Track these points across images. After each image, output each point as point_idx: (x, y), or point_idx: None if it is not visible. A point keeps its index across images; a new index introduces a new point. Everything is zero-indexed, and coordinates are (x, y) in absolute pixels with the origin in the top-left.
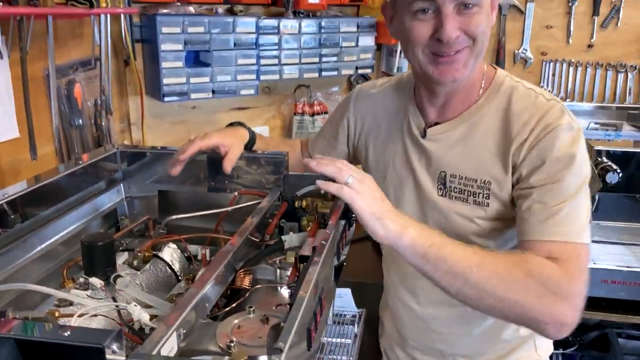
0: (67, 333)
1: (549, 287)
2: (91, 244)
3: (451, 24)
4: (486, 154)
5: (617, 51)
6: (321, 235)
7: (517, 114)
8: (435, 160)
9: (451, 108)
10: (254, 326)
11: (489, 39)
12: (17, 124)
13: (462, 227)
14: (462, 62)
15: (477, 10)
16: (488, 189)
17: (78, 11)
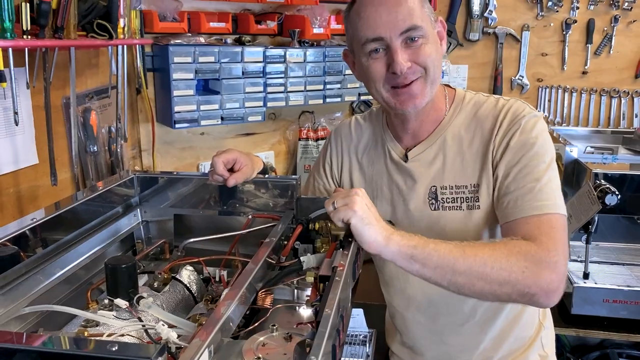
0: (114, 348)
1: (530, 260)
2: (115, 266)
3: (401, 57)
4: (469, 160)
5: (610, 77)
6: (340, 255)
7: (486, 117)
8: (422, 178)
9: (423, 130)
10: (278, 344)
11: (440, 66)
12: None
13: (459, 233)
14: (419, 91)
15: (424, 42)
16: (477, 191)
17: (98, 42)
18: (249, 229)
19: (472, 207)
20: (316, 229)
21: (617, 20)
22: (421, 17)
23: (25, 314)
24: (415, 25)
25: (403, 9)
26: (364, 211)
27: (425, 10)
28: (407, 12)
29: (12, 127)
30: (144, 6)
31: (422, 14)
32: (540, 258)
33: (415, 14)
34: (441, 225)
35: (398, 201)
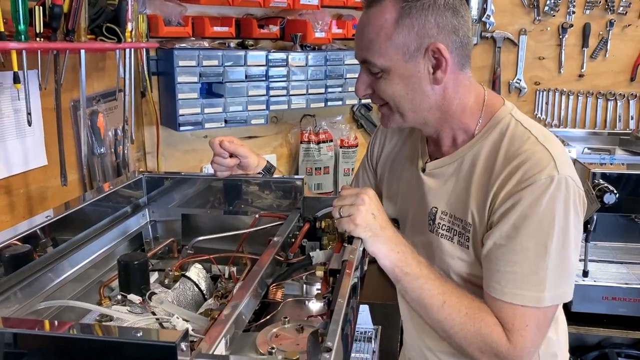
0: (139, 334)
1: (492, 348)
2: (127, 263)
3: (359, 83)
4: (473, 195)
5: (606, 80)
6: (348, 251)
7: (504, 158)
8: (429, 195)
9: (444, 145)
10: (291, 335)
11: (414, 100)
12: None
13: (446, 264)
14: (386, 115)
15: (384, 76)
16: (469, 232)
17: (107, 46)
18: (257, 228)
19: (462, 244)
20: (322, 227)
21: (612, 24)
22: (379, 52)
23: (40, 309)
24: (367, 60)
25: (363, 39)
26: (367, 223)
27: (395, 43)
28: (365, 44)
29: (22, 128)
30: (149, 11)
31: (383, 49)
32: (502, 353)
33: (372, 49)
34: (432, 247)
35: (408, 209)
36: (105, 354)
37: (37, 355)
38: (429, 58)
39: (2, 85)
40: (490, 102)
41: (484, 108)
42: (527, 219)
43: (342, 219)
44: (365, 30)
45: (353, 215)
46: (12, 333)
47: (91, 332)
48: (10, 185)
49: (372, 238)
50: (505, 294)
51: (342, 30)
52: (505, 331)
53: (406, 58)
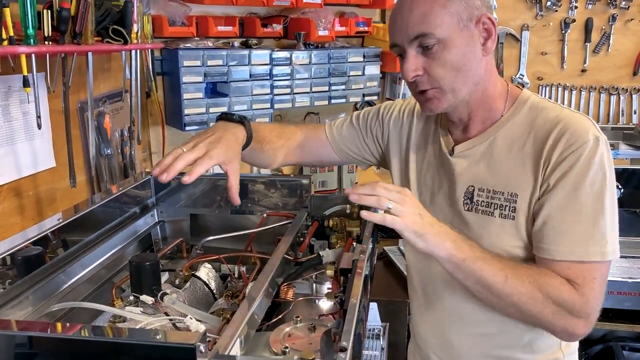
0: (159, 336)
1: (564, 307)
2: (139, 264)
3: (408, 65)
4: (513, 168)
5: (608, 75)
6: (359, 249)
7: (542, 127)
8: (462, 175)
9: (472, 128)
10: (303, 334)
11: (469, 70)
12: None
13: (488, 239)
14: (435, 98)
15: (440, 49)
16: (515, 202)
17: (114, 47)
18: (265, 227)
19: (505, 216)
20: (331, 226)
21: (614, 19)
22: (437, 21)
23: (53, 311)
24: (424, 33)
25: (414, 14)
26: (416, 223)
27: (450, 11)
28: (418, 18)
29: (31, 131)
30: (154, 11)
31: (440, 18)
32: (575, 308)
33: (429, 20)
34: (470, 226)
35: (437, 192)
36: (124, 355)
37: (60, 357)
38: (480, 28)
39: (10, 88)
40: (512, 87)
41: (508, 91)
42: (583, 178)
43: (392, 217)
44: (416, 5)
45: (403, 216)
46: (34, 336)
47: (110, 334)
48: (20, 188)
49: (424, 237)
50: (573, 253)
51: (345, 28)
52: (575, 286)
53: (461, 26)
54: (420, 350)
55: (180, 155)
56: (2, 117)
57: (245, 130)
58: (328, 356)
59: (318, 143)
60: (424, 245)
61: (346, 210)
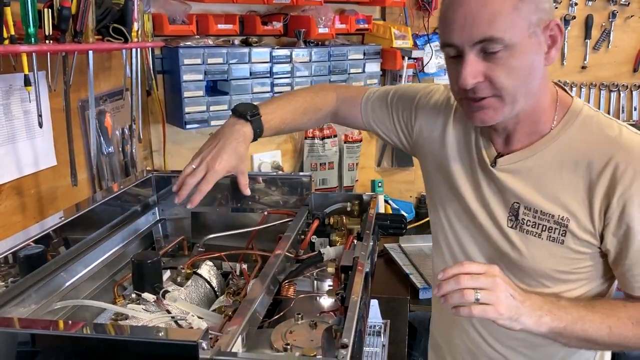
0: (161, 333)
1: None
2: (141, 262)
3: (467, 71)
4: (564, 189)
5: (609, 72)
6: (359, 247)
7: (602, 151)
8: (507, 190)
9: (515, 140)
10: (305, 331)
11: (532, 81)
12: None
13: (532, 262)
14: (491, 109)
15: (505, 55)
16: (565, 226)
17: (114, 46)
18: (266, 225)
19: (554, 240)
20: (331, 224)
21: (615, 15)
22: (507, 26)
23: (55, 309)
24: (492, 37)
25: (483, 15)
26: (511, 307)
27: (521, 14)
28: (486, 20)
29: (32, 130)
30: (154, 9)
31: (510, 21)
32: None
33: (498, 22)
34: (513, 245)
35: (476, 206)
36: (126, 353)
37: (63, 354)
38: (546, 35)
39: (12, 87)
40: (561, 95)
41: (558, 101)
42: None
43: (483, 306)
44: (484, 3)
45: (495, 304)
46: (36, 334)
47: (112, 332)
48: (21, 186)
49: (518, 319)
50: None
51: (345, 26)
52: None
53: (529, 32)
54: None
55: (185, 181)
56: (3, 116)
57: (253, 128)
58: (329, 352)
59: (351, 113)
60: (520, 328)
61: (347, 208)
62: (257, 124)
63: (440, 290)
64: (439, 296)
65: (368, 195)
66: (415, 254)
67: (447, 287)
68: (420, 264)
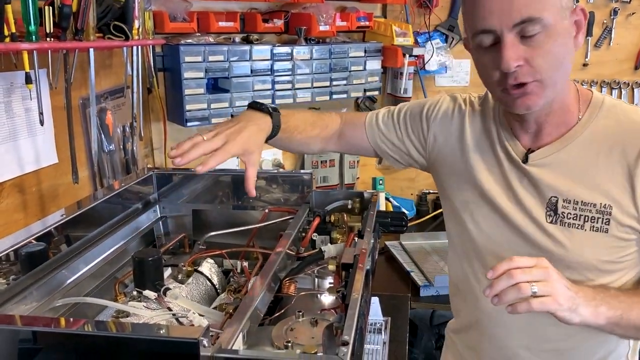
0: (162, 330)
1: None
2: (142, 259)
3: (509, 54)
4: (603, 176)
5: (610, 69)
6: (360, 244)
7: (633, 135)
8: (543, 185)
9: (545, 133)
10: (305, 329)
11: (567, 64)
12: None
13: (576, 255)
14: (534, 93)
15: (544, 37)
16: (609, 214)
17: (115, 43)
18: (267, 222)
19: (598, 229)
20: (332, 221)
21: (616, 12)
22: (544, 6)
23: (57, 306)
24: (531, 17)
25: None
26: (569, 298)
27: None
28: (523, 1)
29: (33, 127)
30: (155, 7)
31: (546, 2)
32: None
33: (536, 3)
34: (554, 240)
35: (509, 202)
36: (128, 350)
37: (64, 351)
38: (573, 19)
39: (13, 85)
40: (580, 88)
41: (579, 93)
42: None
43: (542, 298)
44: None
45: (555, 294)
46: (38, 331)
47: (114, 329)
48: (23, 184)
49: (577, 310)
50: None
51: (346, 23)
52: None
53: (563, 15)
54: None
55: (198, 144)
56: (4, 114)
57: (272, 122)
58: (330, 350)
59: (355, 134)
60: (579, 320)
61: (348, 206)
62: (277, 119)
63: (493, 290)
64: (491, 296)
65: (369, 192)
66: (416, 252)
67: (500, 285)
68: (421, 262)
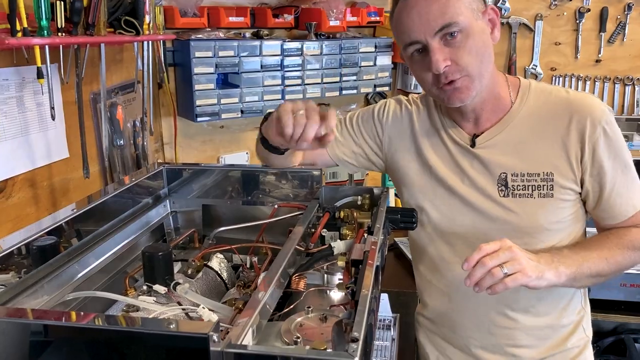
0: (172, 325)
1: None
2: (152, 254)
3: (437, 57)
4: (542, 149)
5: (623, 65)
6: (370, 241)
7: (558, 106)
8: (492, 164)
9: (484, 119)
10: (315, 324)
11: (489, 57)
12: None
13: (529, 221)
14: (464, 88)
15: (463, 38)
16: (552, 180)
17: (126, 38)
18: (276, 218)
19: (545, 195)
20: (342, 217)
21: (630, 8)
22: (457, 11)
23: (68, 300)
24: (448, 23)
25: (434, 8)
26: (534, 268)
27: (464, 3)
28: (438, 10)
29: (45, 122)
30: (165, 2)
31: (458, 7)
32: None
33: (450, 10)
34: (508, 211)
35: (463, 185)
36: (137, 344)
37: (74, 345)
38: (486, 18)
39: (25, 79)
40: (508, 76)
41: (508, 80)
42: (617, 143)
43: (513, 275)
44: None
45: (523, 269)
46: (48, 325)
47: (123, 324)
48: (34, 178)
49: (543, 276)
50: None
51: (357, 18)
52: None
53: (475, 16)
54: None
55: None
56: (16, 108)
57: None
58: (340, 346)
59: (315, 151)
60: (545, 284)
61: (357, 202)
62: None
63: (471, 280)
64: (471, 286)
65: (379, 188)
66: None
67: (477, 274)
68: None
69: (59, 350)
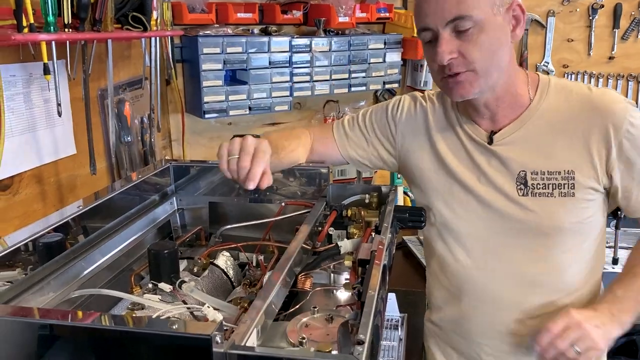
0: (175, 326)
1: None
2: (158, 252)
3: (442, 48)
4: (563, 146)
5: (637, 62)
6: (377, 240)
7: (582, 107)
8: (510, 162)
9: (501, 116)
10: (321, 325)
11: (502, 55)
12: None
13: (549, 220)
14: (467, 82)
15: (475, 32)
16: (573, 178)
17: (134, 34)
18: (283, 216)
19: (565, 194)
20: (349, 216)
21: None
22: (473, 5)
23: (73, 297)
24: (462, 15)
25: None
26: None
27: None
28: (455, 1)
29: (52, 118)
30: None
31: (476, 1)
32: None
33: (465, 2)
34: (527, 211)
35: (480, 183)
36: (141, 344)
37: (78, 344)
38: (510, 15)
39: (32, 75)
40: (529, 73)
41: (528, 77)
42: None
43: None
44: None
45: (594, 345)
46: (54, 324)
47: (128, 323)
48: (41, 174)
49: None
50: None
51: (366, 14)
52: None
53: (494, 11)
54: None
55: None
56: (23, 105)
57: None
58: (345, 348)
59: (326, 149)
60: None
61: (365, 200)
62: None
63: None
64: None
65: (387, 187)
66: None
67: (549, 357)
68: None
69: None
